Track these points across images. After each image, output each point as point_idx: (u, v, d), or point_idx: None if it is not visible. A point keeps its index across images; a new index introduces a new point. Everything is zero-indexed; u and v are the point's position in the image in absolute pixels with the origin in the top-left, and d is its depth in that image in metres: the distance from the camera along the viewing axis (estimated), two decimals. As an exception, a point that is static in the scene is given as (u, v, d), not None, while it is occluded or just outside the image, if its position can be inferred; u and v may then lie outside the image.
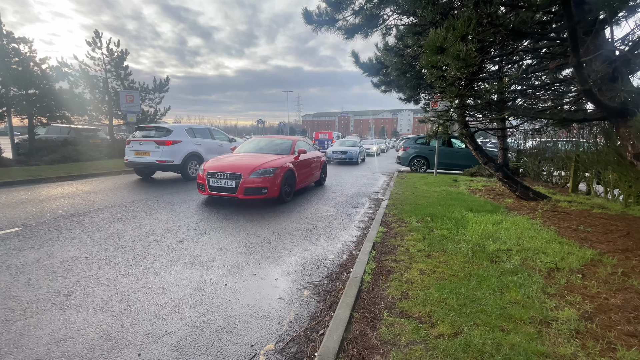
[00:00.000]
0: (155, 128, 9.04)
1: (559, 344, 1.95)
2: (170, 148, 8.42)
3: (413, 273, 2.95)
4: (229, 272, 3.11)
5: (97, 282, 2.84)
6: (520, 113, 4.64)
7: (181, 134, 8.90)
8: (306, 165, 7.30)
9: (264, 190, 5.63)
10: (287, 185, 6.30)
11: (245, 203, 6.08)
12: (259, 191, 5.60)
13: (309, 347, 2.04)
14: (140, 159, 8.51)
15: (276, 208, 5.84)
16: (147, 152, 8.42)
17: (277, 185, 5.85)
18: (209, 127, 10.56)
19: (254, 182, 5.60)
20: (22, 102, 11.52)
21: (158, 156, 8.31)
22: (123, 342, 2.04)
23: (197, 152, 9.12)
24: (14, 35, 11.30)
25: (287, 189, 6.30)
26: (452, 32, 2.92)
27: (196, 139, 9.31)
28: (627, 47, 3.52)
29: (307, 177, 7.37)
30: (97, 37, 14.91)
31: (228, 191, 5.67)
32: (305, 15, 5.33)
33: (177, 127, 9.17)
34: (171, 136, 8.60)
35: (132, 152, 8.58)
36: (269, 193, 5.70)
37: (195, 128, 9.80)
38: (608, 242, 3.74)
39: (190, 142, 9.00)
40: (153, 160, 8.35)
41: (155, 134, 8.71)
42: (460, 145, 12.43)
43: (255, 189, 5.59)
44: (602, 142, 6.20)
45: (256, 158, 6.30)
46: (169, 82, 16.67)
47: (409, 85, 7.79)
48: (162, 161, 8.29)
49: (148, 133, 8.86)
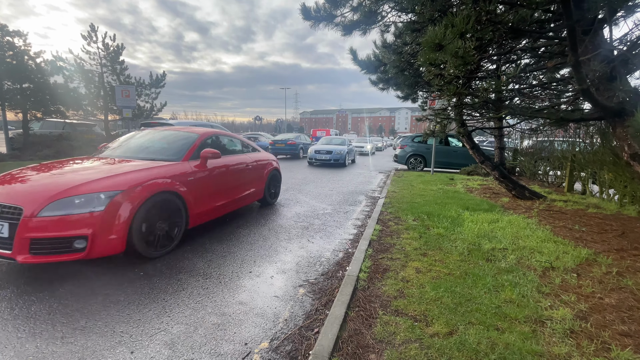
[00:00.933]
0: (160, 125, 9.16)
1: (553, 344, 1.95)
2: None
3: (409, 271, 2.95)
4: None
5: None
6: (518, 112, 4.65)
7: None
8: (224, 178, 4.38)
9: (79, 242, 2.69)
10: (159, 222, 3.26)
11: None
12: (66, 245, 2.67)
13: (304, 345, 2.03)
14: None
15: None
16: None
17: (118, 229, 2.85)
18: (212, 124, 10.87)
19: (52, 225, 2.63)
20: (17, 96, 11.37)
21: None
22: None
23: None
24: (8, 28, 11.13)
25: (157, 231, 3.25)
26: (451, 29, 2.90)
27: None
28: (625, 46, 3.52)
29: (223, 198, 4.33)
30: (92, 31, 14.72)
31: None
32: (303, 11, 5.27)
33: (180, 124, 9.31)
34: None
35: None
36: (93, 248, 2.73)
37: (197, 125, 9.96)
38: (603, 241, 3.76)
39: None
40: None
41: None
42: (457, 144, 12.45)
43: (56, 242, 2.64)
44: (598, 142, 6.23)
45: (94, 171, 3.24)
46: (166, 77, 16.52)
47: (407, 83, 7.76)
48: None
49: None
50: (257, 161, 5.39)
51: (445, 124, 6.48)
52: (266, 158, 5.77)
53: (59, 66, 13.87)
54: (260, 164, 5.45)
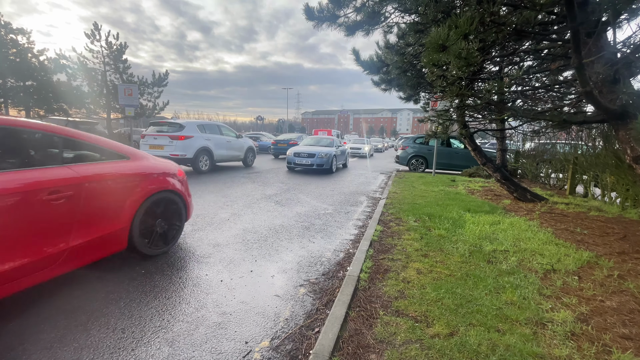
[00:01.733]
0: (168, 123, 9.53)
1: (554, 346, 1.95)
2: (183, 143, 8.83)
3: (410, 272, 2.95)
4: (225, 269, 3.09)
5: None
6: (520, 114, 4.63)
7: (193, 130, 9.31)
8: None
9: None
10: None
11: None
12: None
13: (304, 344, 2.03)
14: (155, 152, 8.78)
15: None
16: (161, 146, 8.87)
17: None
18: (218, 124, 10.94)
19: None
20: (20, 94, 11.43)
21: (172, 150, 8.72)
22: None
23: (207, 147, 9.51)
24: (12, 26, 11.17)
25: None
26: (455, 31, 2.89)
27: (206, 135, 9.71)
28: (629, 49, 3.51)
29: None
30: (96, 30, 14.76)
31: None
32: (306, 11, 5.28)
33: (189, 123, 9.52)
34: (184, 131, 9.01)
35: (146, 145, 9.04)
36: None
37: (205, 124, 10.16)
38: (604, 244, 3.75)
39: (201, 138, 9.40)
40: (167, 154, 8.64)
41: (169, 129, 9.15)
42: (459, 146, 12.43)
43: None
44: (601, 145, 6.21)
45: None
46: (168, 76, 16.56)
47: (409, 84, 7.75)
48: (175, 155, 8.64)
49: (161, 128, 9.32)
50: (116, 176, 2.82)
51: (447, 125, 6.47)
52: (148, 170, 3.19)
53: (62, 64, 13.91)
54: (123, 181, 2.89)
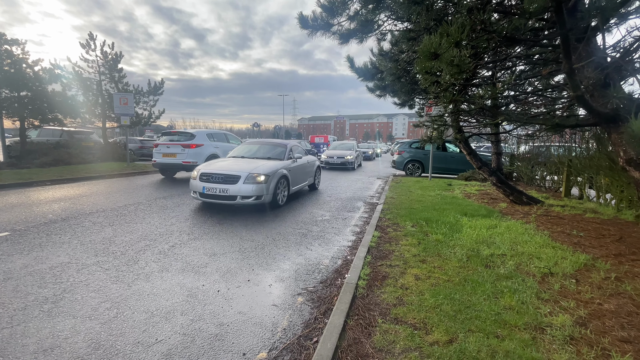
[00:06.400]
0: (179, 133, 10.14)
1: (553, 351, 1.94)
2: (195, 151, 9.50)
3: (408, 278, 2.94)
4: (222, 278, 3.06)
5: (87, 288, 2.78)
6: (514, 118, 4.68)
7: (203, 138, 10.03)
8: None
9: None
10: None
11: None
12: None
13: (303, 355, 2.01)
14: (168, 160, 9.55)
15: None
16: (174, 154, 9.50)
17: None
18: (225, 132, 11.73)
19: None
20: (14, 104, 11.35)
21: (184, 158, 9.36)
22: (112, 351, 1.99)
23: (216, 154, 10.13)
24: (6, 37, 11.16)
25: None
26: (446, 38, 2.93)
27: (215, 143, 10.48)
28: (618, 53, 3.56)
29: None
30: (91, 40, 14.79)
31: None
32: (300, 20, 5.33)
33: (199, 132, 10.23)
34: (195, 140, 9.71)
35: (159, 154, 9.59)
36: None
37: (213, 133, 10.85)
38: (601, 246, 3.76)
39: (210, 146, 10.16)
40: (179, 162, 9.37)
41: (180, 138, 9.80)
42: (454, 150, 12.51)
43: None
44: (594, 148, 6.27)
45: None
46: (164, 84, 16.57)
47: (404, 90, 7.83)
48: (187, 162, 9.29)
49: (173, 137, 9.97)
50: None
51: (442, 130, 6.51)
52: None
53: (56, 74, 13.87)
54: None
